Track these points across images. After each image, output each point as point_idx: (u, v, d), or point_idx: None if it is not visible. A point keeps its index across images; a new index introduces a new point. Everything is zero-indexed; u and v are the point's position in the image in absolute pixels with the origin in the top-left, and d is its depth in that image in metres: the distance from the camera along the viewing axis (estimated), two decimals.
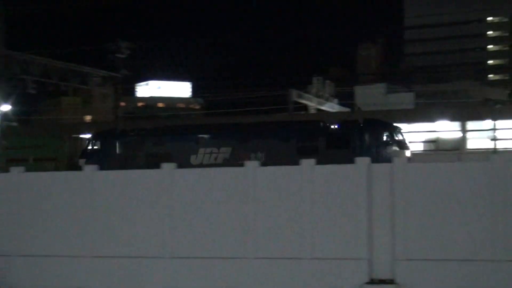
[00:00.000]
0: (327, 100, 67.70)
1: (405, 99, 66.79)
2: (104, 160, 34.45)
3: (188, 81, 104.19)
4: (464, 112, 47.58)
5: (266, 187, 15.35)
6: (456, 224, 13.99)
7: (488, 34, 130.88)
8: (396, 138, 33.01)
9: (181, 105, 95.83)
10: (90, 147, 37.21)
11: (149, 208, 16.10)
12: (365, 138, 32.71)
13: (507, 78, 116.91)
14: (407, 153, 32.47)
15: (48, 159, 40.08)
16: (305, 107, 62.08)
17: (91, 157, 35.47)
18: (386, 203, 14.51)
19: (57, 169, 37.44)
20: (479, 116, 43.89)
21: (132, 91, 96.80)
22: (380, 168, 14.89)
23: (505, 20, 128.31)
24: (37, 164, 39.67)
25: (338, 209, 14.80)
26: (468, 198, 13.99)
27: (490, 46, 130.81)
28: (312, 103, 63.36)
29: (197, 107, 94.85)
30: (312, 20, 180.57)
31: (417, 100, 69.57)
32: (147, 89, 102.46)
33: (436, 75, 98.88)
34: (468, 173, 14.22)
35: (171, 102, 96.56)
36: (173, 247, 15.86)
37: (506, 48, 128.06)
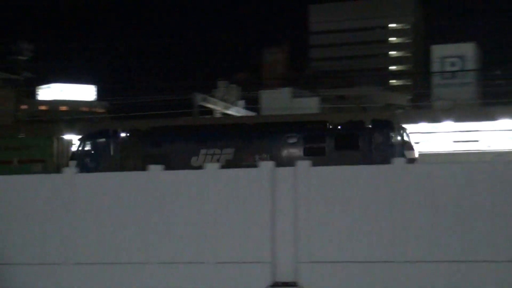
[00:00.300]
0: (232, 104, 67.78)
1: (310, 103, 67.57)
2: (96, 162, 33.25)
3: (93, 84, 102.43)
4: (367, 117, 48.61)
5: (170, 191, 15.16)
6: (357, 226, 14.15)
7: (391, 40, 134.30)
8: (403, 139, 32.67)
9: (85, 109, 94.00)
10: (81, 148, 34.96)
11: (48, 213, 15.62)
12: (373, 138, 32.29)
13: (409, 83, 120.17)
14: (414, 154, 32.30)
15: (35, 161, 37.31)
16: (210, 111, 61.97)
17: (82, 159, 33.76)
18: (289, 206, 14.54)
19: (45, 171, 34.94)
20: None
21: (34, 94, 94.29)
22: (284, 172, 14.92)
23: (407, 27, 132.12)
24: (23, 166, 37.17)
25: (242, 213, 14.74)
26: (370, 200, 14.17)
27: (392, 52, 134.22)
28: (217, 107, 63.31)
29: (101, 110, 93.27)
30: (218, 24, 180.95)
31: (322, 104, 70.51)
32: (49, 92, 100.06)
33: (340, 80, 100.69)
34: (369, 176, 14.43)
35: (74, 105, 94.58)
36: (74, 253, 15.44)
37: (408, 55, 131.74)
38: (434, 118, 47.53)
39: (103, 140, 34.92)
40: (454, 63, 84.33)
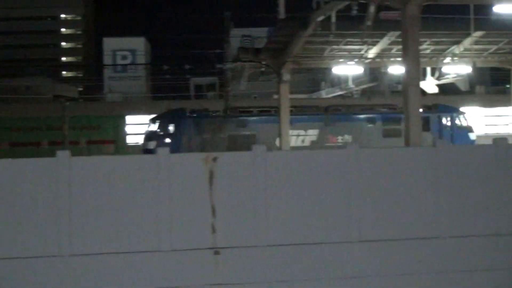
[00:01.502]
0: None
1: None
2: (178, 143, 32.86)
3: None
4: (35, 108, 47.66)
5: None
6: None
7: (62, 31, 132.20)
8: (465, 121, 36.05)
9: None
10: (159, 129, 34.00)
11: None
12: (442, 121, 35.84)
13: (80, 75, 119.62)
14: (474, 136, 35.63)
15: (104, 142, 35.33)
16: None
17: (162, 140, 33.09)
18: None
19: (117, 153, 32.86)
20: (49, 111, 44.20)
21: None
22: None
23: (78, 18, 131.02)
24: (92, 147, 35.09)
25: None
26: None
27: (64, 43, 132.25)
28: None
29: None
30: None
31: None
32: None
33: (8, 70, 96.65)
34: (37, 169, 13.72)
35: None
36: None
37: (79, 46, 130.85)
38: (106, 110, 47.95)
39: (185, 120, 34.51)
40: (125, 56, 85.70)
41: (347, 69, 38.38)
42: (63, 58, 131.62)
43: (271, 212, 13.22)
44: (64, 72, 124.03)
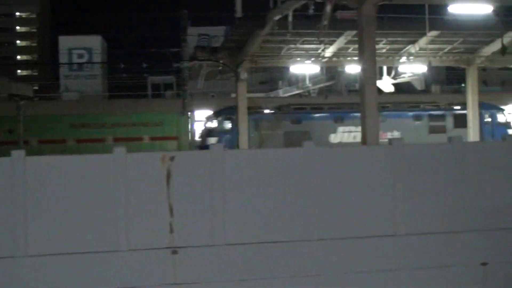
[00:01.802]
0: None
1: None
2: (236, 139, 33.77)
3: None
4: None
5: None
6: None
7: (17, 29, 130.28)
8: (504, 118, 37.92)
9: None
10: (216, 126, 35.52)
11: None
12: (484, 118, 37.14)
13: (35, 74, 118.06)
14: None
15: (168, 138, 35.58)
16: None
17: (220, 136, 34.46)
18: None
19: (179, 149, 33.38)
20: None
21: None
22: None
23: (33, 16, 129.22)
24: (154, 144, 35.67)
25: None
26: None
27: (19, 42, 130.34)
28: None
29: None
30: None
31: None
32: None
33: None
34: None
35: None
36: None
37: (34, 44, 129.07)
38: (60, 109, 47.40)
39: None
40: (82, 55, 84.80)
41: (304, 68, 38.59)
42: (18, 57, 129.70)
43: (229, 211, 13.18)
44: (19, 71, 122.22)
